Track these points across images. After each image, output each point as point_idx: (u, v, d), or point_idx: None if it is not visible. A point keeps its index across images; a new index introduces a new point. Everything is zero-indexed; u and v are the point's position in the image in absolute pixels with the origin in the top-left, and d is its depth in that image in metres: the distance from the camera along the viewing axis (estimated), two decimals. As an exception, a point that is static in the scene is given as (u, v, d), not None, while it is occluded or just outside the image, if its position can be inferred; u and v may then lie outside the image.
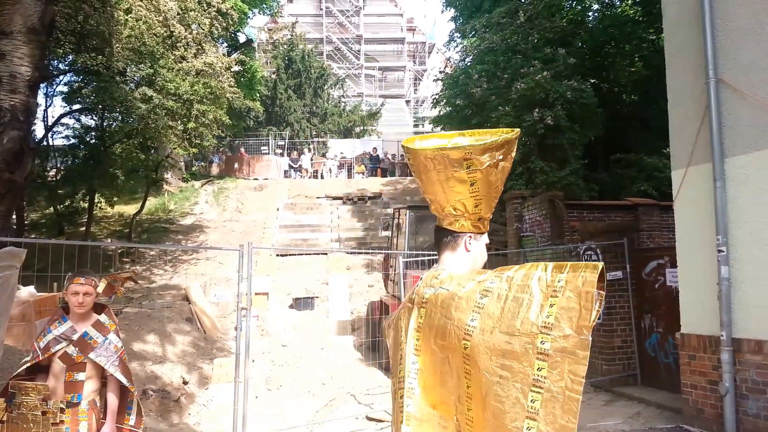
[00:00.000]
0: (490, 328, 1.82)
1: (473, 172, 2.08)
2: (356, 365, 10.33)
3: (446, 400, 1.98)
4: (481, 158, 2.05)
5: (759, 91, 5.68)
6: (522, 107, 14.01)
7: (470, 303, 1.90)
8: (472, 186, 2.10)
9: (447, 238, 2.21)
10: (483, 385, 1.81)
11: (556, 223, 11.80)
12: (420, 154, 2.14)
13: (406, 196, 21.20)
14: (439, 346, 1.97)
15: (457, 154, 2.06)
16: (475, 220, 2.18)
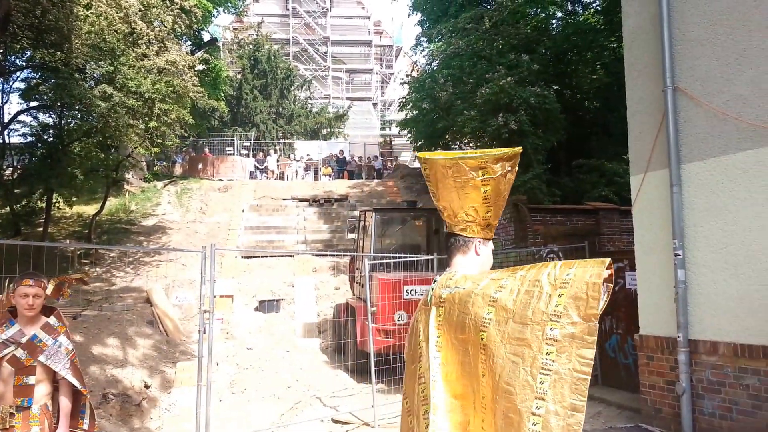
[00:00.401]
0: (504, 320, 2.01)
1: (487, 180, 2.33)
2: (322, 368, 10.30)
3: (467, 390, 2.15)
4: (495, 167, 2.31)
5: (714, 100, 5.87)
6: (487, 112, 14.17)
7: (485, 299, 2.09)
8: (485, 193, 2.35)
9: (458, 243, 2.44)
10: (496, 372, 1.98)
11: (520, 227, 11.97)
12: (438, 163, 2.38)
13: (372, 199, 21.22)
14: (459, 340, 2.17)
15: (474, 163, 2.32)
16: (485, 226, 2.42)
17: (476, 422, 2.12)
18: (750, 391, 5.40)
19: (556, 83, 16.62)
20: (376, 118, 38.67)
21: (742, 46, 5.63)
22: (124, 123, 13.56)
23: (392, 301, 9.10)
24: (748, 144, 5.54)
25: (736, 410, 5.53)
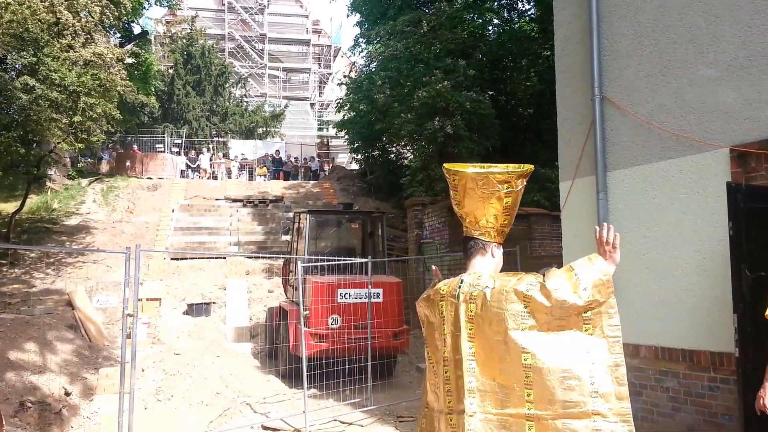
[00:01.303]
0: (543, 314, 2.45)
1: (509, 193, 2.74)
2: (253, 373, 10.07)
3: (506, 372, 2.49)
4: (517, 182, 2.74)
5: (639, 109, 6.06)
6: (423, 115, 14.27)
7: (519, 295, 2.48)
8: (506, 203, 2.76)
9: (478, 246, 2.83)
10: (543, 353, 2.42)
11: (455, 231, 12.09)
12: (469, 176, 2.76)
13: (308, 200, 21.00)
14: (494, 331, 2.51)
15: (501, 177, 2.72)
16: (500, 232, 2.83)
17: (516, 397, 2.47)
18: (670, 394, 5.59)
19: (492, 89, 16.93)
20: (313, 118, 38.33)
21: (667, 57, 5.83)
22: (47, 117, 12.89)
23: (326, 304, 8.99)
24: (671, 153, 5.74)
25: (657, 412, 5.72)
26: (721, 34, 5.33)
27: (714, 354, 5.22)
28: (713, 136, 5.35)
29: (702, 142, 5.44)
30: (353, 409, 7.94)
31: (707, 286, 5.30)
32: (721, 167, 5.27)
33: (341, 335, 8.82)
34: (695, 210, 5.46)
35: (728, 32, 5.27)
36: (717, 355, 5.19)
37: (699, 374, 5.40)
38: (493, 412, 2.50)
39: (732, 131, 5.21)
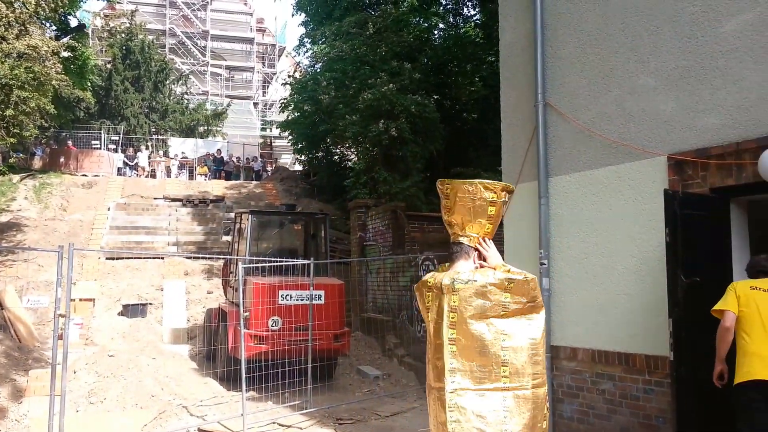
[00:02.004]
0: (518, 302, 2.99)
1: (494, 203, 3.15)
2: (190, 375, 9.77)
3: (485, 353, 2.95)
4: (501, 193, 3.16)
5: (581, 116, 6.17)
6: (368, 117, 14.22)
7: (500, 288, 2.98)
8: (490, 212, 3.17)
9: (463, 249, 3.21)
10: (517, 334, 2.97)
11: (398, 234, 12.08)
12: (464, 185, 3.16)
13: (250, 201, 20.60)
14: (477, 318, 2.97)
15: (490, 187, 3.14)
16: (482, 238, 3.21)
17: (493, 374, 2.94)
18: (606, 396, 5.70)
19: (437, 93, 17.03)
20: (256, 118, 37.71)
21: (609, 66, 5.95)
22: (-24, 110, 12.17)
23: (267, 306, 8.81)
24: (611, 160, 5.86)
25: (593, 414, 5.82)
26: (661, 44, 5.48)
27: (649, 357, 5.35)
28: (652, 144, 5.49)
29: (641, 150, 5.57)
30: (292, 412, 7.81)
31: (643, 290, 5.42)
32: (659, 174, 5.41)
33: (281, 337, 8.67)
34: (633, 216, 5.59)
35: (669, 43, 5.42)
36: (652, 358, 5.32)
37: (634, 377, 5.52)
38: (471, 388, 2.94)
39: (670, 140, 5.35)
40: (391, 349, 10.74)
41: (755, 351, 4.06)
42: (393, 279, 11.69)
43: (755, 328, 4.11)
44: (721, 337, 4.20)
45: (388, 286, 11.87)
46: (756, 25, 4.77)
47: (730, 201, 5.10)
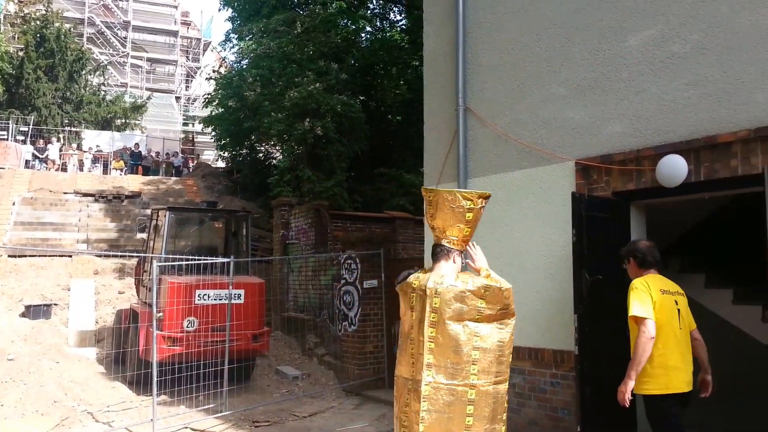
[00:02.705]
0: (492, 308, 3.42)
1: (471, 209, 3.53)
2: (97, 380, 9.37)
3: (459, 352, 3.35)
4: (477, 201, 3.55)
5: (499, 121, 6.39)
6: (294, 115, 14.13)
7: (477, 295, 3.39)
8: (468, 218, 3.56)
9: (444, 251, 3.61)
10: (488, 337, 3.40)
11: (321, 232, 12.06)
12: (443, 193, 3.57)
13: (169, 197, 19.98)
14: (454, 319, 3.37)
15: (466, 196, 3.53)
16: (462, 241, 3.61)
17: (464, 371, 3.37)
18: (516, 390, 5.91)
19: (363, 94, 17.12)
20: (178, 112, 36.59)
21: (524, 75, 6.20)
22: None
23: (182, 306, 8.56)
24: (525, 163, 6.11)
25: (504, 407, 6.02)
26: (572, 56, 5.76)
27: (556, 352, 5.60)
28: (562, 150, 5.76)
29: (551, 155, 5.83)
30: (206, 416, 7.63)
31: (552, 288, 5.68)
32: (567, 179, 5.68)
33: (197, 338, 8.45)
34: (544, 217, 5.84)
35: (578, 55, 5.70)
36: (559, 352, 5.57)
37: (542, 371, 5.77)
38: (443, 383, 3.34)
39: (578, 146, 5.64)
40: (312, 349, 10.71)
41: (674, 365, 3.98)
42: (315, 278, 11.65)
43: (670, 338, 4.01)
44: (645, 349, 3.90)
45: (310, 285, 11.83)
46: (657, 40, 5.10)
47: (630, 204, 5.43)
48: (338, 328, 10.01)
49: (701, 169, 4.78)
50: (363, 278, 9.27)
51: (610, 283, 5.00)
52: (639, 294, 4.00)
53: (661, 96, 5.05)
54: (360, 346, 9.14)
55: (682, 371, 4.01)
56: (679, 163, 4.79)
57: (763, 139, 4.41)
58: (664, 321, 3.99)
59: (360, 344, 9.14)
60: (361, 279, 9.29)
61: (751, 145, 4.49)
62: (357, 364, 9.13)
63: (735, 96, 4.60)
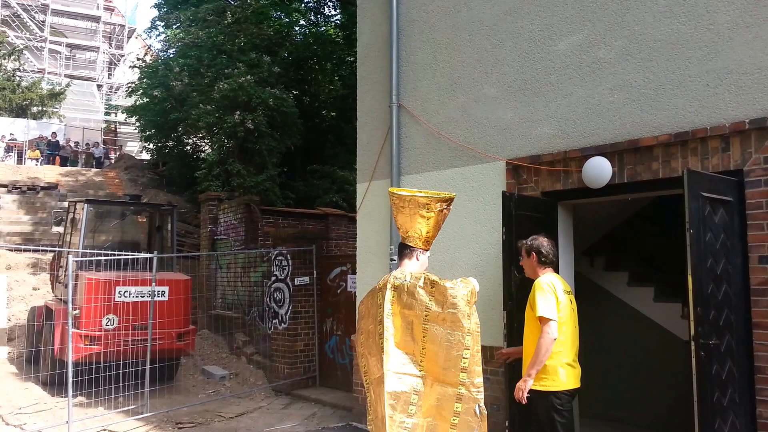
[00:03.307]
0: (440, 306, 3.41)
1: (430, 212, 3.67)
2: (8, 380, 8.85)
3: (409, 345, 3.48)
4: (436, 205, 3.66)
5: (432, 119, 6.43)
6: (224, 108, 13.80)
7: (426, 291, 3.45)
8: (428, 220, 3.71)
9: (407, 250, 3.74)
10: (437, 336, 3.40)
11: (251, 228, 11.82)
12: (404, 197, 3.69)
13: (89, 190, 19.11)
14: (405, 314, 3.50)
15: (424, 200, 3.65)
16: (424, 241, 3.75)
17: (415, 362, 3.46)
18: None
19: (296, 88, 16.91)
20: (100, 101, 35.01)
21: (457, 74, 6.25)
22: None
23: (101, 303, 8.19)
24: (457, 162, 6.17)
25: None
26: (503, 58, 5.85)
27: (486, 348, 5.66)
28: (493, 149, 5.85)
29: (483, 154, 5.91)
30: (126, 417, 7.32)
31: (483, 285, 5.71)
32: (498, 178, 5.78)
33: (117, 337, 8.10)
34: (475, 215, 5.92)
35: (509, 57, 5.80)
36: (489, 349, 5.64)
37: (471, 368, 5.84)
38: (399, 371, 3.46)
39: (508, 146, 5.74)
40: (240, 348, 10.48)
41: (570, 362, 4.12)
42: (244, 274, 11.41)
43: (569, 337, 4.14)
44: (548, 349, 3.99)
45: (239, 282, 11.57)
46: (583, 45, 5.25)
47: (558, 204, 5.57)
48: (268, 326, 9.84)
49: (625, 171, 4.96)
50: (294, 275, 9.14)
51: (537, 280, 5.11)
52: (545, 294, 4.08)
53: (587, 99, 5.21)
54: (290, 345, 9.01)
55: (576, 368, 4.19)
56: (603, 165, 4.95)
57: (683, 143, 4.62)
58: (565, 321, 4.11)
59: (290, 342, 9.02)
60: (292, 276, 9.16)
61: (671, 149, 4.69)
62: (287, 362, 9.00)
63: (657, 101, 4.79)
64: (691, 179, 4.06)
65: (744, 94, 4.35)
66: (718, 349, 4.09)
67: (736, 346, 4.22)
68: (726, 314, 4.20)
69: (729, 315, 4.21)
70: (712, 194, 4.19)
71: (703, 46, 4.56)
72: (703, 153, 4.53)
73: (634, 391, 6.53)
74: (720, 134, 4.42)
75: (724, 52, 4.46)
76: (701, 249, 4.07)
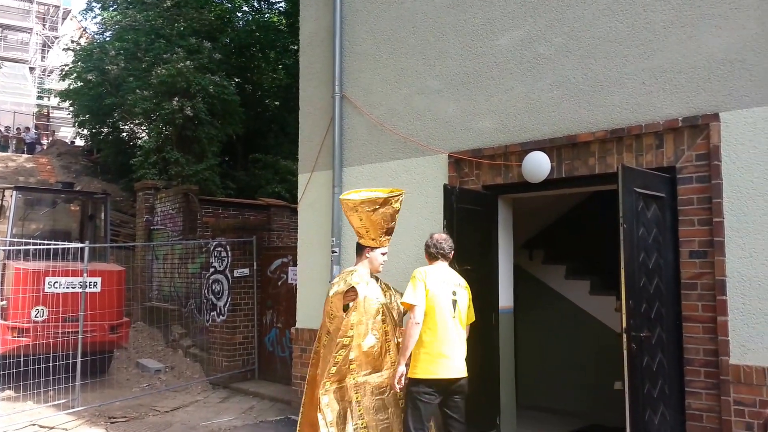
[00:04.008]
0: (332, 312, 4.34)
1: (361, 213, 4.27)
2: None
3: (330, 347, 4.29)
4: (363, 206, 4.21)
5: (375, 111, 6.38)
6: (162, 94, 13.38)
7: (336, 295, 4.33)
8: (361, 221, 4.30)
9: (360, 248, 4.46)
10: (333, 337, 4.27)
11: (190, 218, 11.52)
12: (347, 202, 4.30)
13: (19, 176, 18.20)
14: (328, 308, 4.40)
15: (351, 204, 4.23)
16: (369, 239, 4.36)
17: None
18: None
19: (238, 76, 16.56)
20: (32, 84, 33.43)
21: (400, 66, 6.22)
22: None
23: (30, 294, 7.85)
24: (400, 154, 6.15)
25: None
26: (446, 50, 5.85)
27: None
28: (435, 142, 5.86)
29: (426, 147, 5.91)
30: (57, 412, 7.03)
31: (423, 278, 5.76)
32: (440, 171, 5.79)
33: (47, 329, 7.78)
34: (418, 208, 5.92)
35: (452, 50, 5.81)
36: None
37: (411, 360, 5.84)
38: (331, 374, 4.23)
39: (451, 139, 5.75)
40: (176, 340, 10.21)
41: (440, 352, 4.09)
42: (182, 266, 11.11)
43: (441, 327, 4.12)
44: (411, 334, 4.05)
45: (176, 274, 11.26)
46: (525, 41, 5.30)
47: (498, 198, 5.63)
48: (206, 318, 9.61)
49: (563, 167, 5.04)
50: (234, 266, 8.95)
51: (478, 273, 5.15)
52: (414, 282, 4.18)
53: (527, 95, 5.26)
54: (229, 337, 8.83)
55: (450, 359, 4.13)
56: (542, 160, 5.02)
57: (618, 139, 4.73)
58: (436, 310, 4.13)
59: (229, 335, 8.83)
60: (231, 267, 8.97)
61: (607, 145, 4.80)
62: (225, 355, 8.81)
63: (594, 97, 4.88)
64: (625, 175, 4.16)
65: (678, 92, 4.48)
66: (649, 342, 4.22)
67: (667, 338, 4.36)
68: (657, 307, 4.33)
69: (660, 308, 4.35)
70: (645, 190, 4.31)
71: (639, 45, 4.67)
72: (638, 150, 4.65)
73: (570, 382, 6.70)
74: (654, 131, 4.54)
75: (659, 51, 4.57)
76: (634, 243, 4.18)
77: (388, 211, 4.26)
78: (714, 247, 4.21)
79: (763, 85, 4.13)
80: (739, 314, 4.12)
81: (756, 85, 4.15)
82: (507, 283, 5.77)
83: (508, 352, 5.74)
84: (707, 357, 4.23)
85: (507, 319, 5.76)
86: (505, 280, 5.73)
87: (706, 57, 4.37)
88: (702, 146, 4.33)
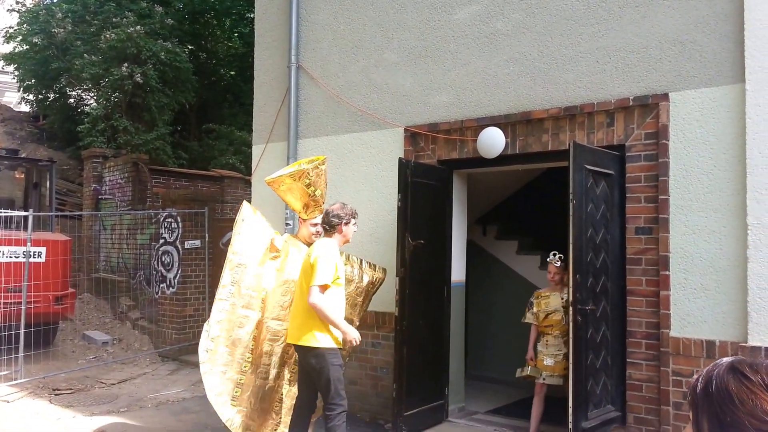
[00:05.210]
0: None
1: (277, 189, 4.58)
2: None
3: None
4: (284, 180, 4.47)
5: (332, 82, 6.29)
6: (111, 59, 12.89)
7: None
8: (300, 191, 4.48)
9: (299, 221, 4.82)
10: None
11: (139, 188, 11.23)
12: (273, 183, 4.56)
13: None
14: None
15: (273, 181, 4.51)
16: (304, 211, 4.60)
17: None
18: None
19: (192, 43, 16.07)
20: (-28, 45, 31.79)
21: (358, 37, 6.13)
22: None
23: (-31, 264, 7.53)
24: (356, 127, 6.09)
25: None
26: (405, 23, 5.80)
27: (378, 314, 5.74)
28: (392, 116, 5.83)
29: (382, 120, 5.88)
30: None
31: (378, 251, 5.77)
32: (396, 144, 5.77)
33: (-13, 300, 7.50)
34: (372, 182, 5.90)
35: (411, 23, 5.75)
36: (381, 315, 5.72)
37: (364, 332, 5.83)
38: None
39: (407, 113, 5.73)
40: (125, 312, 10.01)
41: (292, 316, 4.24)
42: (131, 236, 10.84)
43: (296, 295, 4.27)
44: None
45: (124, 244, 10.99)
46: (482, 16, 5.29)
47: (453, 172, 5.66)
48: (155, 290, 9.44)
49: (517, 143, 5.09)
50: (185, 238, 8.79)
51: (431, 247, 5.19)
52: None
53: (484, 70, 5.27)
54: (179, 310, 8.71)
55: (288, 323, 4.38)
56: (497, 136, 5.06)
57: (571, 117, 4.79)
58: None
59: (179, 307, 8.71)
60: (182, 239, 8.80)
61: (560, 122, 4.86)
62: (175, 328, 8.69)
63: (549, 75, 4.93)
64: (576, 152, 4.23)
65: (630, 71, 4.56)
66: (594, 315, 4.34)
67: (611, 311, 4.50)
68: (603, 281, 4.45)
69: (606, 282, 4.47)
70: (595, 167, 4.40)
71: (594, 23, 4.72)
72: (590, 127, 4.73)
73: (517, 354, 6.85)
74: (606, 110, 4.62)
75: (613, 30, 4.63)
76: (582, 219, 4.27)
77: (298, 185, 4.38)
78: (659, 224, 4.34)
79: (711, 66, 4.23)
80: (680, 289, 4.27)
81: (705, 66, 4.26)
82: (459, 258, 5.83)
83: (458, 325, 5.83)
84: (649, 330, 4.39)
85: (459, 292, 5.84)
86: (458, 255, 5.79)
87: (659, 37, 4.44)
88: (651, 125, 4.43)
